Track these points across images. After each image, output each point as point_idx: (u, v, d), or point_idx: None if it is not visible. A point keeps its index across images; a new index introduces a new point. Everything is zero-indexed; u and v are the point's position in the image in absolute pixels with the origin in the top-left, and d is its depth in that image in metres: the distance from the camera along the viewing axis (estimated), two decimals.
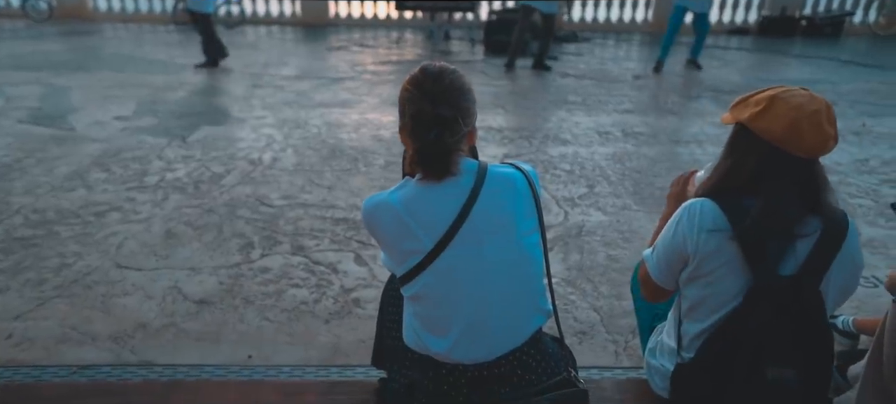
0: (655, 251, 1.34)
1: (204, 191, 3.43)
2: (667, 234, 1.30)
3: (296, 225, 3.07)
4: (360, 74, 6.62)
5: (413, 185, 1.21)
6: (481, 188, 1.18)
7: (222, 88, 5.82)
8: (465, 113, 1.21)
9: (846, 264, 1.21)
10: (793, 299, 1.18)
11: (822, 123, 1.16)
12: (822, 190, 1.21)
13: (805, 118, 1.16)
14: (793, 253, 1.19)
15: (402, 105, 1.22)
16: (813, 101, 1.18)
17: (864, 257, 1.29)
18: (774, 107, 1.19)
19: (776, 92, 1.21)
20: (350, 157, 4.01)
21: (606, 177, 3.77)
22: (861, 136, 4.66)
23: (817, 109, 1.16)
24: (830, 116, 1.18)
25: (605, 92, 5.98)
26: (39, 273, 2.53)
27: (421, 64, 1.25)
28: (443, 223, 1.16)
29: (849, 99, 5.86)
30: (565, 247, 2.89)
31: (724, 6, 10.46)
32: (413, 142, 1.19)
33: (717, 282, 1.23)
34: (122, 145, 4.14)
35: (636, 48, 9.06)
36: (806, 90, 1.21)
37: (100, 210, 3.14)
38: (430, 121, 1.16)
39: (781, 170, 1.19)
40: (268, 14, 10.54)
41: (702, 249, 1.22)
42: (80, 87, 5.78)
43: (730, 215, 1.21)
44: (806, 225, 1.19)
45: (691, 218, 1.24)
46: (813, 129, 1.16)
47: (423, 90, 1.18)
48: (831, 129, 1.18)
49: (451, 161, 1.19)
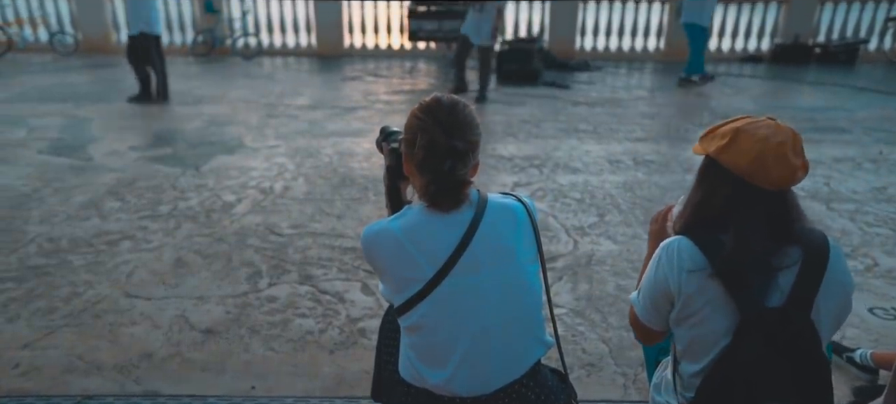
0: (641, 293, 1.32)
1: (215, 220, 3.47)
2: (649, 276, 1.28)
3: (304, 254, 3.08)
4: (372, 104, 6.70)
5: (416, 214, 1.21)
6: (482, 218, 1.18)
7: (238, 118, 5.92)
8: (475, 147, 1.22)
9: (835, 288, 1.18)
10: (783, 332, 1.15)
11: (788, 155, 1.15)
12: (795, 220, 1.19)
13: (770, 151, 1.15)
14: (777, 285, 1.16)
15: (412, 134, 1.21)
16: (778, 132, 1.17)
17: (873, 289, 1.25)
18: (739, 141, 1.18)
19: (741, 124, 1.21)
20: (360, 186, 4.04)
21: (617, 205, 3.74)
22: (878, 164, 4.58)
23: (782, 141, 1.15)
24: (797, 146, 1.17)
25: (617, 120, 5.97)
26: (50, 301, 2.56)
27: (432, 94, 1.26)
28: (444, 252, 1.16)
29: (865, 126, 5.78)
30: (574, 277, 2.85)
31: (737, 34, 10.46)
32: (423, 172, 1.19)
33: (704, 321, 1.20)
34: (138, 174, 4.21)
35: (649, 76, 9.07)
36: (772, 120, 1.20)
37: (112, 239, 3.18)
38: (444, 152, 1.16)
39: (750, 202, 1.18)
40: (284, 45, 10.75)
41: (685, 289, 1.20)
42: (100, 117, 5.91)
43: (707, 252, 1.19)
44: (785, 255, 1.16)
45: (670, 258, 1.22)
46: (779, 162, 1.15)
47: (437, 120, 1.18)
48: (798, 160, 1.16)
49: (464, 193, 1.19)
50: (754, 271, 1.16)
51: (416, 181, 1.22)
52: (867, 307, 2.56)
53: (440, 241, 1.16)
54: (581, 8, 10.33)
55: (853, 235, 3.31)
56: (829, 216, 3.57)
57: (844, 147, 5.07)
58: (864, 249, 3.14)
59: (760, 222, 1.17)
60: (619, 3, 10.42)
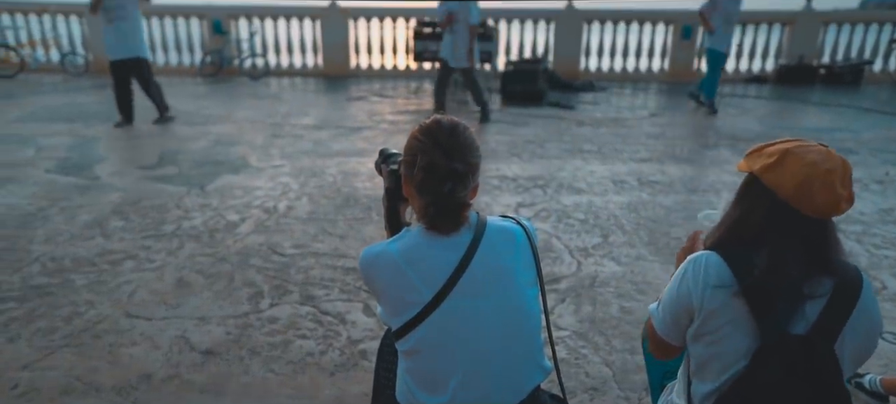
0: (661, 305, 1.30)
1: (218, 240, 3.47)
2: (672, 288, 1.26)
3: (306, 274, 3.07)
4: (377, 124, 6.73)
5: (414, 236, 1.20)
6: (480, 241, 1.17)
7: (244, 138, 5.96)
8: (475, 169, 1.22)
9: (862, 323, 1.16)
10: (805, 360, 1.12)
11: (835, 184, 1.12)
12: (832, 250, 1.16)
13: (817, 177, 1.12)
14: (803, 313, 1.14)
15: (411, 155, 1.21)
16: (828, 159, 1.14)
17: (882, 313, 1.23)
18: (786, 162, 1.15)
19: (791, 145, 1.18)
20: (364, 206, 4.04)
21: (621, 226, 3.72)
22: (885, 186, 4.54)
23: (831, 169, 1.12)
24: (846, 177, 1.14)
25: (621, 140, 5.97)
26: (51, 322, 2.56)
27: (432, 116, 1.26)
28: (442, 275, 1.15)
29: (871, 147, 5.75)
30: (578, 299, 2.83)
31: (741, 54, 10.49)
32: (423, 194, 1.18)
33: (723, 339, 1.18)
34: (143, 194, 4.23)
35: (653, 97, 9.09)
36: (823, 147, 1.17)
37: (115, 258, 3.19)
38: (444, 174, 1.16)
39: (789, 226, 1.15)
40: (291, 65, 10.87)
41: (707, 305, 1.18)
42: (107, 136, 5.97)
43: (736, 270, 1.17)
44: (816, 284, 1.14)
45: (697, 272, 1.20)
46: (825, 189, 1.12)
47: (437, 142, 1.18)
48: (844, 191, 1.13)
49: (463, 216, 1.19)
50: (784, 296, 1.14)
51: (416, 203, 1.22)
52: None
53: (438, 264, 1.16)
54: (585, 29, 10.40)
55: (861, 257, 3.28)
56: None
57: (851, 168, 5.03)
58: (872, 272, 3.10)
59: (797, 248, 1.15)
60: (624, 24, 10.49)
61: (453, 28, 6.54)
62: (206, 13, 10.50)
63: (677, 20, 10.32)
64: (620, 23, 10.48)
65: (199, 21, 10.66)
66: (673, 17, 10.38)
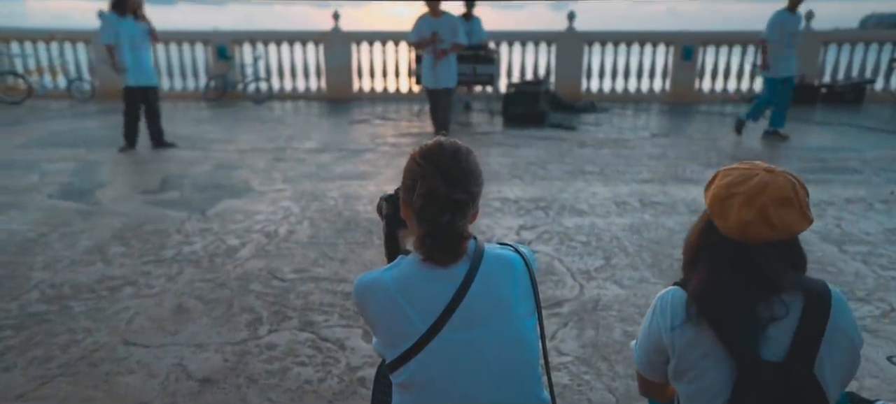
0: (638, 344, 1.29)
1: (218, 265, 3.45)
2: (644, 327, 1.26)
3: (306, 299, 3.04)
4: (379, 147, 6.75)
5: (409, 265, 1.18)
6: (477, 271, 1.15)
7: (246, 162, 5.98)
8: (476, 197, 1.20)
9: (838, 341, 1.12)
10: (783, 389, 1.09)
11: (736, 206, 1.12)
12: (774, 270, 1.12)
13: (728, 197, 1.13)
14: (773, 336, 1.11)
15: (411, 179, 1.18)
16: (747, 179, 1.13)
17: (888, 335, 1.20)
18: (714, 182, 1.20)
19: (727, 168, 1.20)
20: (364, 229, 4.02)
21: (624, 248, 3.69)
22: (890, 205, 4.50)
23: (752, 190, 1.11)
24: (755, 200, 1.10)
25: (623, 161, 5.96)
26: (48, 350, 2.53)
27: (435, 137, 1.24)
28: (437, 306, 1.13)
29: (875, 166, 5.72)
30: (580, 323, 2.79)
31: (743, 74, 10.53)
32: (421, 222, 1.16)
33: (702, 375, 1.16)
34: (144, 219, 4.23)
35: (655, 117, 9.10)
36: (767, 170, 1.15)
37: (114, 284, 3.17)
38: (444, 204, 1.13)
39: (715, 244, 1.17)
40: (295, 89, 10.96)
41: (678, 342, 1.16)
42: (111, 161, 6.00)
43: None
44: (775, 306, 1.11)
45: (664, 309, 1.19)
46: (740, 208, 1.11)
47: (438, 168, 1.14)
48: (747, 213, 1.10)
49: (462, 247, 1.16)
50: (738, 316, 1.12)
51: (414, 228, 1.20)
52: (885, 355, 2.47)
53: (433, 295, 1.13)
54: (586, 50, 10.47)
55: (867, 279, 3.23)
56: (842, 259, 3.48)
57: (855, 187, 5.00)
58: (879, 294, 3.05)
59: (725, 266, 1.15)
60: (624, 46, 10.55)
61: (435, 48, 6.36)
62: (210, 39, 10.63)
63: (678, 41, 10.39)
64: (621, 44, 10.55)
65: (204, 46, 10.78)
66: (673, 38, 10.45)
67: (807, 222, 1.12)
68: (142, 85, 6.44)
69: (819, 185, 5.09)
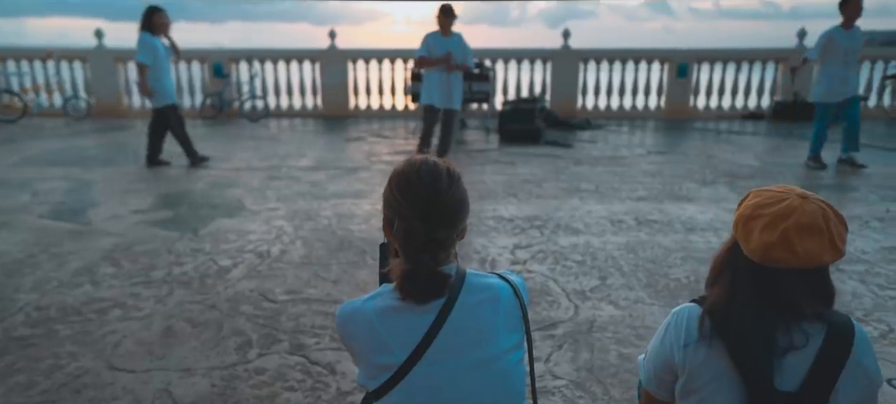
0: (646, 357, 1.25)
1: (209, 286, 3.41)
2: (655, 342, 1.22)
3: (297, 321, 3.00)
4: (374, 164, 6.73)
5: (390, 294, 1.15)
6: (456, 299, 1.11)
7: (240, 181, 5.95)
8: (461, 227, 1.15)
9: (857, 378, 1.09)
10: None
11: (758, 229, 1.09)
12: (798, 298, 1.09)
13: (756, 219, 1.11)
14: (790, 366, 1.08)
15: (389, 212, 1.13)
16: (778, 202, 1.10)
17: (889, 357, 1.17)
18: (744, 202, 1.18)
19: (761, 189, 1.18)
20: (358, 249, 3.99)
21: (619, 268, 3.66)
22: (886, 223, 4.48)
23: (778, 213, 1.08)
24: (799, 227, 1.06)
25: (619, 179, 5.95)
26: (30, 376, 2.48)
27: (408, 159, 1.15)
28: (415, 337, 1.09)
29: (870, 183, 5.72)
30: (575, 345, 2.75)
31: (737, 92, 10.58)
32: (403, 258, 1.11)
33: (710, 398, 1.12)
34: (135, 239, 4.19)
35: (650, 134, 9.11)
36: (800, 195, 1.11)
37: (102, 306, 3.12)
38: (423, 245, 1.08)
39: (740, 267, 1.14)
40: (291, 107, 10.96)
41: (690, 362, 1.13)
42: (104, 180, 5.96)
43: None
44: (796, 335, 1.08)
45: (678, 327, 1.16)
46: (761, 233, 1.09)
47: (414, 206, 1.07)
48: (768, 236, 1.07)
49: (445, 285, 1.10)
50: (754, 339, 1.09)
51: (397, 264, 1.15)
52: (886, 378, 2.43)
53: (411, 325, 1.10)
54: (582, 68, 10.52)
55: (865, 299, 3.20)
56: (839, 278, 3.45)
57: (851, 205, 4.99)
58: (877, 314, 3.02)
59: (745, 287, 1.12)
60: (619, 63, 10.61)
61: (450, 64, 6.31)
62: (207, 57, 10.65)
63: (672, 59, 10.44)
64: (616, 61, 10.60)
65: (200, 64, 10.80)
66: (668, 55, 10.51)
67: (837, 254, 1.08)
68: (171, 103, 6.58)
69: None
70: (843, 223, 1.10)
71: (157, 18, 6.34)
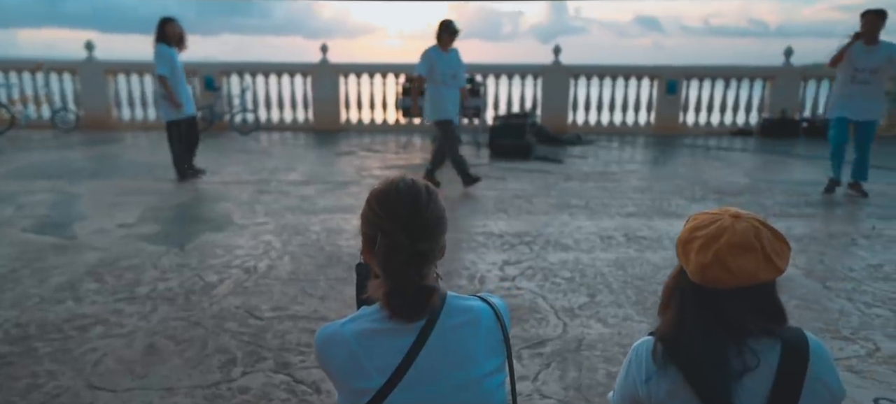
0: (615, 397, 1.25)
1: (194, 302, 3.36)
2: (621, 380, 1.22)
3: (283, 338, 2.96)
4: (364, 179, 6.71)
5: (370, 316, 1.13)
6: (436, 322, 1.10)
7: (229, 194, 5.91)
8: (442, 242, 1.15)
9: (819, 392, 1.09)
10: None
11: (693, 251, 1.10)
12: (743, 318, 1.09)
13: (694, 240, 1.11)
14: (751, 390, 1.07)
15: (370, 229, 1.13)
16: (712, 222, 1.11)
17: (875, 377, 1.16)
18: (686, 224, 1.18)
19: (698, 212, 1.19)
20: (346, 265, 3.95)
21: (608, 284, 3.65)
22: (872, 240, 4.52)
23: (711, 234, 1.09)
24: (711, 245, 1.08)
25: (609, 195, 5.97)
26: (7, 395, 2.42)
27: (389, 179, 1.17)
28: (393, 361, 1.07)
29: (857, 201, 5.77)
30: (563, 363, 2.73)
31: (725, 108, 10.69)
32: (386, 276, 1.10)
33: None
34: (120, 253, 4.13)
35: (640, 150, 9.17)
36: (733, 214, 1.12)
37: (84, 323, 3.07)
38: (408, 258, 1.07)
39: (686, 290, 1.14)
40: (282, 120, 10.95)
41: (654, 395, 1.12)
42: (91, 193, 5.90)
43: None
44: (748, 356, 1.08)
45: (638, 362, 1.16)
46: (698, 253, 1.09)
47: (397, 219, 1.08)
48: (702, 257, 1.08)
49: (433, 301, 1.09)
50: (706, 359, 1.09)
51: (377, 271, 1.14)
52: (872, 398, 2.43)
53: (390, 349, 1.08)
54: (572, 83, 10.60)
55: (852, 317, 3.21)
56: (827, 295, 3.47)
57: (838, 222, 5.03)
58: (864, 332, 3.02)
59: (690, 309, 1.13)
60: (610, 79, 10.70)
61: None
62: (198, 70, 10.62)
63: (662, 75, 10.55)
64: (606, 78, 10.70)
65: (191, 77, 10.76)
66: (658, 72, 10.62)
67: (774, 270, 1.08)
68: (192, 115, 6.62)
69: (802, 220, 5.11)
70: (781, 240, 1.10)
71: (169, 28, 6.33)
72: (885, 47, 5.53)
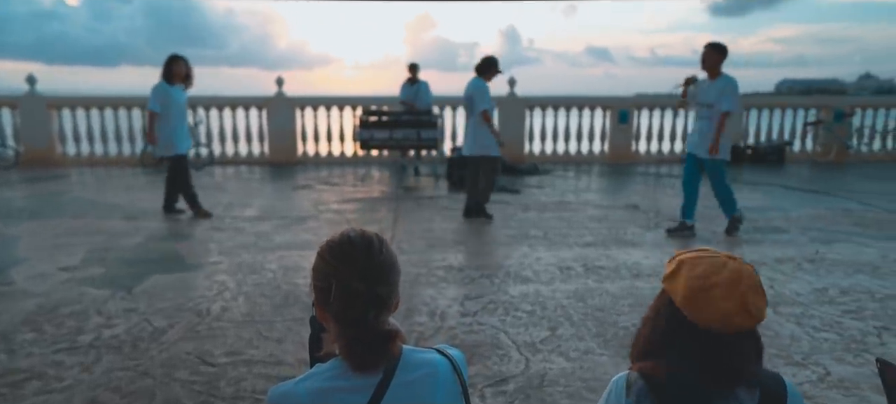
0: None
1: (141, 350, 3.19)
2: None
3: (237, 386, 2.83)
4: (322, 213, 6.61)
5: (325, 372, 1.08)
6: (392, 377, 1.06)
7: (181, 232, 5.70)
8: (396, 291, 1.12)
9: None
10: None
11: (719, 298, 1.06)
12: (735, 363, 1.09)
13: (704, 289, 1.07)
14: None
15: (324, 281, 1.09)
16: (719, 271, 1.08)
17: (826, 402, 1.18)
18: (680, 271, 1.12)
19: (689, 256, 1.15)
20: (304, 305, 3.85)
21: (569, 317, 3.67)
22: (816, 264, 4.72)
23: (718, 283, 1.07)
24: (739, 290, 1.06)
25: (566, 225, 6.05)
26: None
27: (339, 233, 1.15)
28: None
29: (799, 225, 6.04)
30: (526, 401, 2.71)
31: (675, 137, 11.09)
32: (343, 327, 1.07)
33: None
34: (61, 299, 3.91)
35: (596, 179, 9.39)
36: (731, 258, 1.11)
37: (17, 379, 2.86)
38: (365, 301, 1.05)
39: (685, 336, 1.10)
40: (236, 154, 10.72)
41: None
42: (30, 235, 5.59)
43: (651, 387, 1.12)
44: (729, 401, 1.08)
45: (618, 397, 1.14)
46: (710, 304, 1.06)
47: (353, 265, 1.06)
48: (729, 304, 1.06)
49: (394, 347, 1.07)
50: None
51: (333, 330, 1.10)
52: None
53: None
54: (528, 114, 10.81)
55: (802, 341, 3.32)
56: (777, 321, 3.58)
57: (784, 247, 5.24)
58: (814, 357, 3.13)
59: (694, 361, 1.09)
60: (564, 110, 10.97)
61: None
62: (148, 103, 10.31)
63: (614, 106, 10.90)
64: (561, 108, 10.96)
65: (141, 111, 10.45)
66: (610, 103, 10.96)
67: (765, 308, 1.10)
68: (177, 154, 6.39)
69: (750, 245, 5.30)
70: None
71: (175, 66, 6.25)
72: (720, 81, 5.32)
